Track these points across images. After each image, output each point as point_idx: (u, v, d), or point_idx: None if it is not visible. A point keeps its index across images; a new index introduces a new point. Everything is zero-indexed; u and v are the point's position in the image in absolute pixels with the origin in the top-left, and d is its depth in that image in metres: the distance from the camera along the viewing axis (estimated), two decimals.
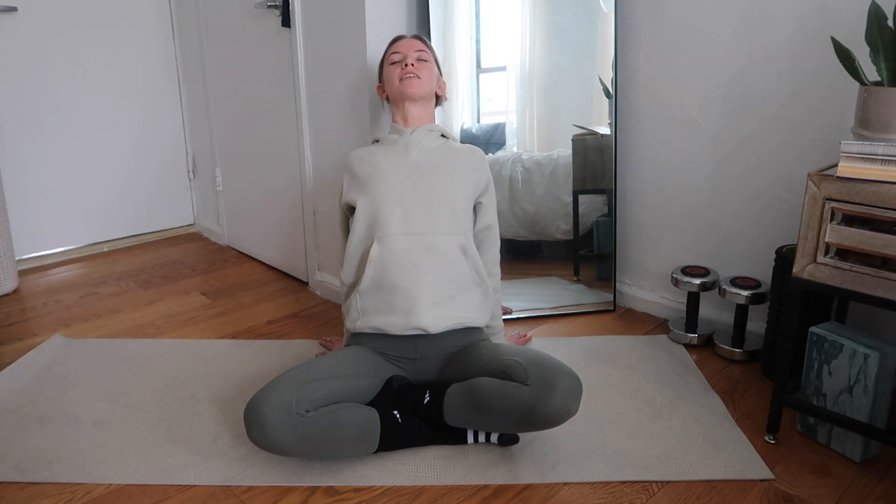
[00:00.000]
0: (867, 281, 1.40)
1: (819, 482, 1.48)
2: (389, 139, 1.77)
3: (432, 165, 1.69)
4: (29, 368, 1.97)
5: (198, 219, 3.31)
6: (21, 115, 2.73)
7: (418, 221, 1.62)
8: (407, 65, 1.73)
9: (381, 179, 1.66)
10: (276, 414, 1.39)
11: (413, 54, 1.76)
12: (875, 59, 1.45)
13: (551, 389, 1.39)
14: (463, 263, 1.64)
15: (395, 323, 1.61)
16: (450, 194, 1.66)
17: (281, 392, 1.42)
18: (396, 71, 1.75)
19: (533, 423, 1.42)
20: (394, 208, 1.63)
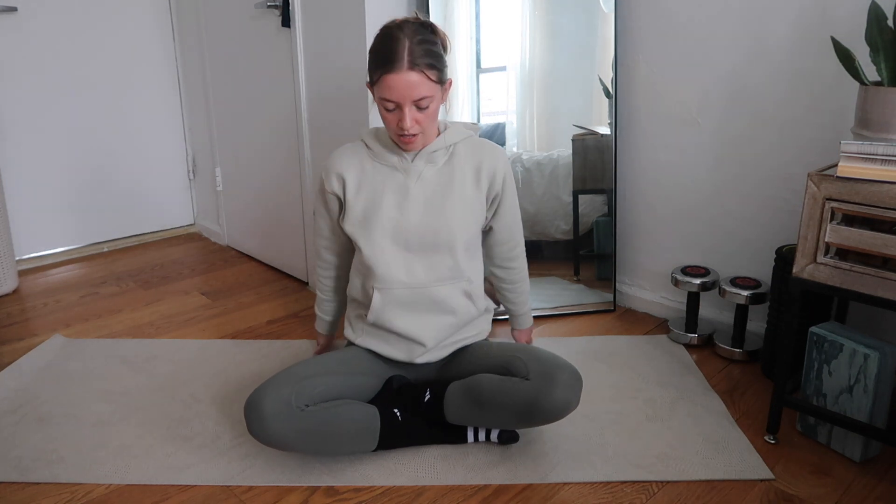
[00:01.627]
0: (867, 281, 1.40)
1: (819, 482, 1.48)
2: (385, 158, 1.55)
3: (433, 198, 1.53)
4: (29, 368, 1.97)
5: (198, 219, 3.31)
6: (21, 115, 2.73)
7: (420, 271, 1.55)
8: (405, 130, 1.44)
9: (380, 221, 1.53)
10: (276, 408, 1.40)
11: (411, 110, 1.42)
12: (875, 59, 1.45)
13: (551, 383, 1.39)
14: (467, 306, 1.63)
15: (393, 354, 1.61)
16: (452, 235, 1.53)
17: (280, 387, 1.43)
18: (392, 120, 1.45)
19: (534, 417, 1.42)
20: (395, 257, 1.54)
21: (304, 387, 1.45)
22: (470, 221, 1.56)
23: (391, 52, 1.39)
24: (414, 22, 1.44)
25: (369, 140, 1.57)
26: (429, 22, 1.47)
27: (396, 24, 1.44)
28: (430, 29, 1.45)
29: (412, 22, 1.44)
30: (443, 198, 1.53)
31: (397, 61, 1.38)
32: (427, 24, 1.46)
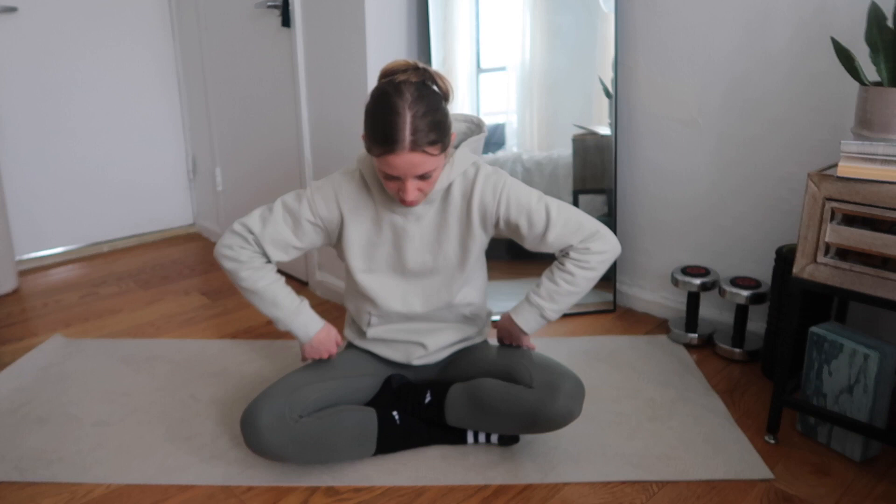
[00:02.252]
0: (867, 281, 1.40)
1: (819, 482, 1.48)
2: (383, 199, 1.45)
3: (429, 236, 1.48)
4: (29, 368, 1.97)
5: (198, 219, 3.31)
6: (21, 115, 2.73)
7: (418, 301, 1.53)
8: (406, 200, 1.35)
9: (377, 257, 1.49)
10: (271, 421, 1.40)
11: (413, 182, 1.33)
12: (875, 60, 1.45)
13: (555, 393, 1.39)
14: (466, 328, 1.63)
15: (392, 355, 1.61)
16: (450, 267, 1.50)
17: (274, 399, 1.43)
18: (392, 187, 1.37)
19: (535, 425, 1.42)
20: (395, 293, 1.51)
21: (298, 397, 1.44)
22: (468, 253, 1.49)
23: (391, 130, 1.26)
24: (415, 83, 1.30)
25: (368, 176, 1.45)
26: (430, 73, 1.33)
27: (395, 86, 1.29)
28: (431, 88, 1.32)
29: (413, 83, 1.29)
30: (439, 234, 1.47)
31: (398, 142, 1.26)
32: (428, 82, 1.33)
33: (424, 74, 1.33)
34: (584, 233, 1.45)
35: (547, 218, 1.44)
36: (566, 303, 1.49)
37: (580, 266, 1.46)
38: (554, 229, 1.44)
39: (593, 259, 1.46)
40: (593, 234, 1.46)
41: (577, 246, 1.45)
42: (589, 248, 1.45)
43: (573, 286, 1.47)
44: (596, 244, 1.45)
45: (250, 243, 1.46)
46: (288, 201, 1.47)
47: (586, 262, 1.46)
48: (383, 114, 1.28)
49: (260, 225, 1.46)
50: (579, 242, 1.45)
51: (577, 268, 1.46)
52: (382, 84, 1.33)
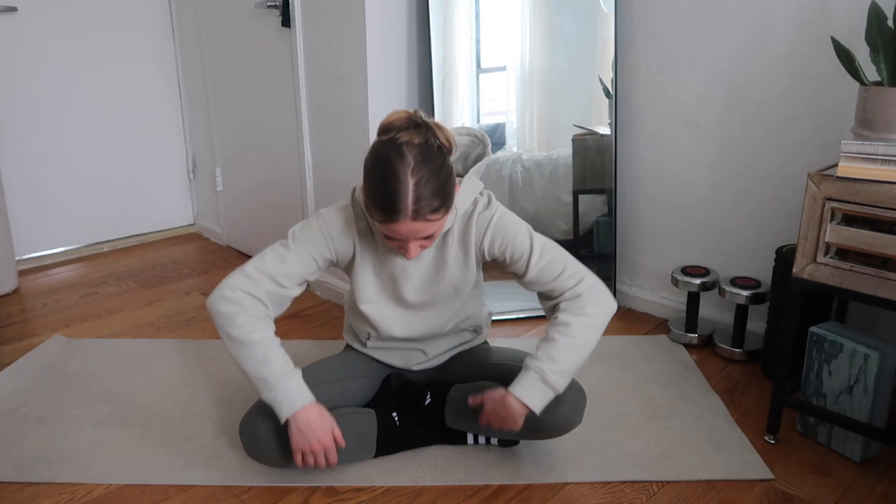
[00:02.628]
0: (867, 281, 1.40)
1: (819, 482, 1.48)
2: (384, 240, 1.37)
3: (428, 274, 1.45)
4: (29, 368, 1.97)
5: (198, 219, 3.30)
6: (21, 115, 2.73)
7: (418, 330, 1.52)
8: (408, 258, 1.32)
9: (382, 292, 1.47)
10: (270, 430, 1.39)
11: (416, 243, 1.29)
12: (875, 59, 1.45)
13: (557, 401, 1.39)
14: (467, 331, 1.63)
15: (391, 360, 1.61)
16: (449, 298, 1.48)
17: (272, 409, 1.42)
18: (394, 245, 1.33)
19: (536, 432, 1.43)
20: (395, 322, 1.49)
21: None
22: (466, 284, 1.46)
23: (393, 199, 1.19)
24: (417, 144, 1.21)
25: (369, 216, 1.35)
26: (431, 128, 1.24)
27: (396, 149, 1.20)
28: (434, 149, 1.23)
29: (415, 145, 1.21)
30: (437, 272, 1.44)
31: (400, 212, 1.20)
32: (430, 141, 1.23)
33: (426, 132, 1.23)
34: (568, 273, 1.36)
35: (530, 252, 1.37)
36: (569, 361, 1.31)
37: (573, 313, 1.33)
38: (536, 266, 1.37)
39: (588, 305, 1.34)
40: (579, 279, 1.36)
41: (566, 295, 1.36)
42: (579, 294, 1.35)
43: (571, 337, 1.31)
44: (583, 288, 1.36)
45: (260, 288, 1.34)
46: (303, 236, 1.38)
47: (580, 309, 1.33)
48: (384, 181, 1.20)
49: (278, 263, 1.36)
50: (569, 291, 1.36)
51: (569, 315, 1.33)
52: (383, 144, 1.23)
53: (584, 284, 1.36)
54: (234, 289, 1.34)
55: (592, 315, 1.34)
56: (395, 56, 2.16)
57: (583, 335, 1.33)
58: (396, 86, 2.19)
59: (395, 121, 1.24)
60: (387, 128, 1.24)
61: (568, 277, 1.37)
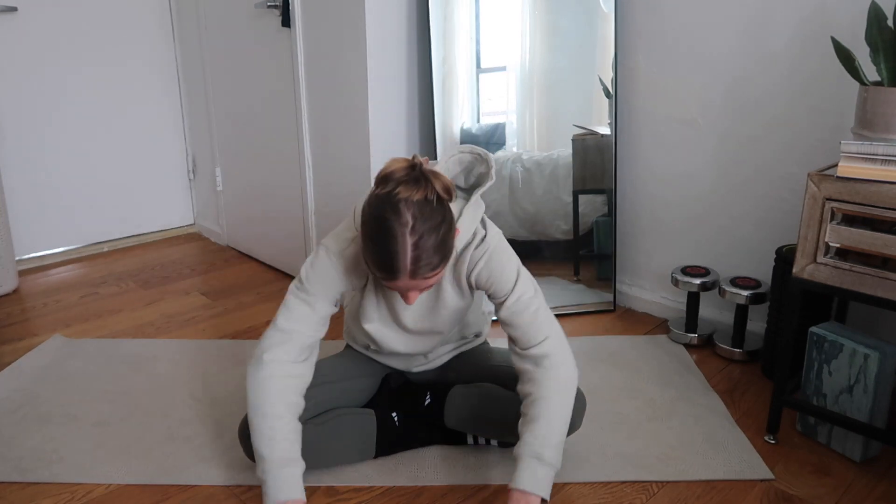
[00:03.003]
0: (867, 281, 1.40)
1: (819, 482, 1.48)
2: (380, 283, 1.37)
3: (425, 304, 1.42)
4: (29, 368, 1.97)
5: (198, 219, 3.30)
6: (21, 115, 2.73)
7: (420, 347, 1.52)
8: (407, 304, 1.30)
9: (383, 317, 1.45)
10: None
11: (415, 293, 1.26)
12: (875, 59, 1.45)
13: None
14: (471, 338, 1.63)
15: (390, 363, 1.60)
16: (448, 326, 1.47)
17: None
18: (393, 290, 1.31)
19: None
20: (396, 341, 1.48)
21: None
22: (464, 310, 1.45)
23: (391, 260, 1.16)
24: (416, 201, 1.15)
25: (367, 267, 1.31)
26: (429, 180, 1.18)
27: (394, 207, 1.15)
28: (432, 202, 1.18)
29: (414, 202, 1.15)
30: (436, 302, 1.41)
31: (399, 272, 1.17)
32: (430, 193, 1.17)
33: (425, 186, 1.17)
34: (536, 326, 1.33)
35: (510, 293, 1.34)
36: (556, 433, 1.29)
37: (544, 386, 1.31)
38: (509, 308, 1.33)
39: (556, 372, 1.32)
40: (544, 337, 1.33)
41: (532, 352, 1.33)
42: (546, 354, 1.33)
43: (550, 410, 1.29)
44: (548, 347, 1.33)
45: (294, 344, 1.34)
46: (319, 278, 1.34)
47: (549, 378, 1.31)
48: (382, 241, 1.16)
49: (308, 311, 1.34)
50: (534, 347, 1.33)
51: (541, 388, 1.30)
52: (381, 201, 1.17)
53: (548, 343, 1.33)
54: (270, 351, 1.33)
55: (562, 379, 1.33)
56: (395, 56, 2.16)
57: (560, 402, 1.31)
58: (396, 86, 2.19)
59: (393, 172, 1.18)
60: (385, 178, 1.18)
61: (536, 331, 1.33)
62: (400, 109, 2.22)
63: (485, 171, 1.36)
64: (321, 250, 1.35)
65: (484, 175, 1.36)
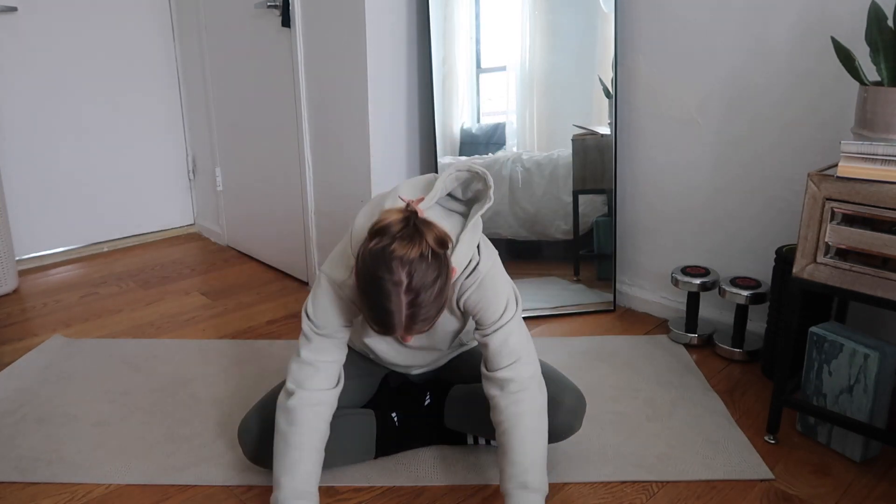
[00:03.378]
0: (867, 281, 1.40)
1: (819, 482, 1.47)
2: None
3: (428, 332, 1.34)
4: (29, 368, 1.97)
5: (198, 219, 3.30)
6: (21, 115, 2.73)
7: (420, 361, 1.53)
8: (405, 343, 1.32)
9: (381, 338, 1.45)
10: (267, 434, 1.39)
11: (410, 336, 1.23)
12: (875, 59, 1.45)
13: (556, 407, 1.39)
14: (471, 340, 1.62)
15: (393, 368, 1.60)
16: (446, 346, 1.49)
17: (269, 409, 1.42)
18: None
19: None
20: (396, 356, 1.50)
21: None
22: (461, 326, 1.44)
23: (385, 318, 1.15)
24: (411, 259, 1.12)
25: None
26: (424, 232, 1.15)
27: (388, 265, 1.11)
28: (427, 257, 1.14)
29: (409, 260, 1.11)
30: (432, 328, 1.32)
31: (394, 329, 1.16)
32: (425, 249, 1.13)
33: (420, 242, 1.13)
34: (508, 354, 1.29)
35: (496, 321, 1.30)
36: (530, 458, 1.26)
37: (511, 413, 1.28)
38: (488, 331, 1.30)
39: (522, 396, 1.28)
40: (513, 361, 1.29)
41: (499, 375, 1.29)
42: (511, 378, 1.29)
43: (516, 435, 1.27)
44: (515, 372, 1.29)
45: (319, 374, 1.33)
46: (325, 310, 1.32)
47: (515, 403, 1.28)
48: (377, 299, 1.14)
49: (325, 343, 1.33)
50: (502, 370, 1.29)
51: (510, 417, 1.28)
52: (375, 259, 1.13)
53: (514, 368, 1.29)
54: (300, 383, 1.33)
55: (526, 406, 1.29)
56: (395, 56, 2.16)
57: (529, 428, 1.28)
58: (396, 86, 2.19)
59: (388, 225, 1.14)
60: (380, 232, 1.14)
61: (507, 354, 1.30)
62: (400, 109, 2.22)
63: (482, 189, 1.30)
64: (323, 282, 1.32)
65: (481, 192, 1.31)
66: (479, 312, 1.32)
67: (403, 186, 1.32)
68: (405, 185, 1.33)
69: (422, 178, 1.33)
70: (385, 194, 1.33)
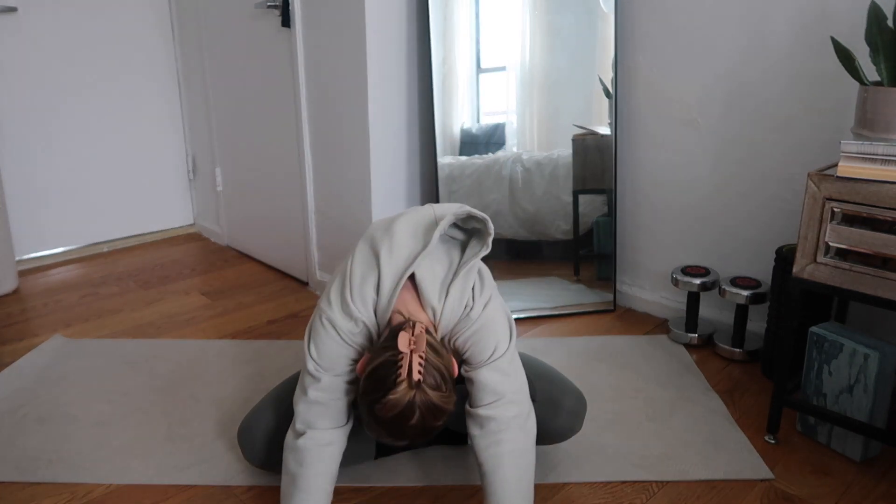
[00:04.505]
0: (867, 281, 1.40)
1: (819, 482, 1.47)
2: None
3: None
4: (29, 368, 1.97)
5: (198, 219, 3.30)
6: (21, 115, 2.73)
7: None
8: None
9: None
10: (267, 436, 1.39)
11: None
12: (875, 59, 1.45)
13: (557, 409, 1.39)
14: None
15: None
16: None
17: (269, 412, 1.42)
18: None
19: (536, 439, 1.42)
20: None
21: (292, 408, 1.42)
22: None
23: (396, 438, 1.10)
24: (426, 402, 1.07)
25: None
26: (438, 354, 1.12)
27: (401, 409, 1.06)
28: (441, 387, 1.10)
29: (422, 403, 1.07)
30: None
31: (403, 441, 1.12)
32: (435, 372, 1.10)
33: (436, 380, 1.09)
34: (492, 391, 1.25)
35: (484, 361, 1.26)
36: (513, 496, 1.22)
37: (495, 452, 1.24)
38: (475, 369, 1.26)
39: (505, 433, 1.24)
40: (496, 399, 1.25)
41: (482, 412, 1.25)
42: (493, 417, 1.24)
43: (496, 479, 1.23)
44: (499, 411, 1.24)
45: (329, 411, 1.29)
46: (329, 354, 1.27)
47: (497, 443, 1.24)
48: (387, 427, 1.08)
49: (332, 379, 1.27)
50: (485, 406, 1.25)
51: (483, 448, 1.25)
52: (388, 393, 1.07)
53: (496, 407, 1.25)
54: (309, 423, 1.29)
55: (505, 448, 1.24)
56: (395, 56, 2.16)
57: (510, 469, 1.24)
58: (396, 85, 2.19)
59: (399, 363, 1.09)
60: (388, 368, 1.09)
61: (490, 391, 1.25)
62: (400, 109, 2.22)
63: (481, 229, 1.27)
64: (327, 327, 1.25)
65: (480, 231, 1.28)
66: (469, 351, 1.27)
67: (399, 229, 1.26)
68: (402, 224, 1.27)
69: (420, 221, 1.27)
70: (379, 240, 1.26)
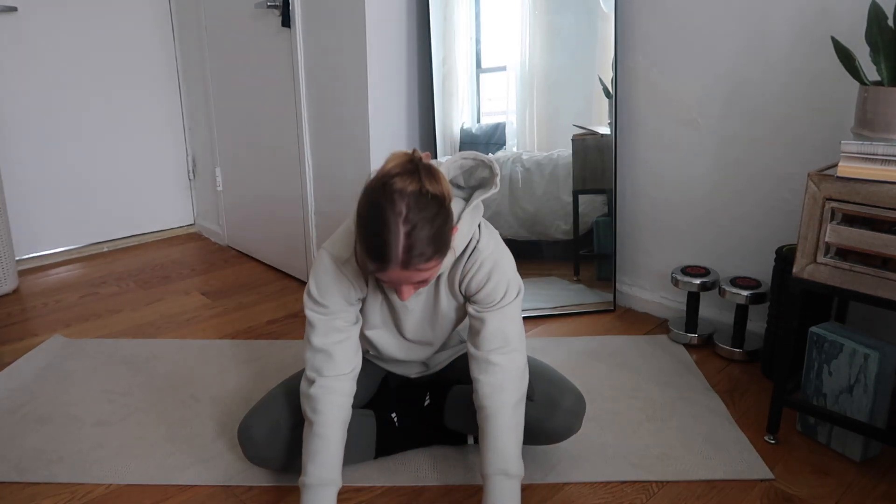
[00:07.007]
0: (867, 281, 1.40)
1: (819, 482, 1.48)
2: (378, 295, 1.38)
3: (424, 311, 1.40)
4: (29, 368, 1.97)
5: (198, 219, 3.30)
6: (21, 115, 2.73)
7: (419, 355, 1.50)
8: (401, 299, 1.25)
9: (384, 323, 1.43)
10: (267, 434, 1.39)
11: (409, 288, 1.22)
12: (875, 59, 1.45)
13: (556, 408, 1.39)
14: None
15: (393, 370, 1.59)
16: (446, 335, 1.47)
17: (269, 410, 1.42)
18: (386, 284, 1.24)
19: (535, 438, 1.43)
20: (397, 349, 1.47)
21: (293, 406, 1.42)
22: (460, 318, 1.44)
23: (382, 248, 1.12)
24: (411, 192, 1.12)
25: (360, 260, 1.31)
26: (424, 175, 1.15)
27: (388, 196, 1.12)
28: (428, 197, 1.13)
29: (409, 193, 1.12)
30: (435, 308, 1.39)
31: (391, 261, 1.13)
32: (425, 187, 1.13)
33: (420, 179, 1.13)
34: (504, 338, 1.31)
35: (496, 303, 1.31)
36: (511, 444, 1.29)
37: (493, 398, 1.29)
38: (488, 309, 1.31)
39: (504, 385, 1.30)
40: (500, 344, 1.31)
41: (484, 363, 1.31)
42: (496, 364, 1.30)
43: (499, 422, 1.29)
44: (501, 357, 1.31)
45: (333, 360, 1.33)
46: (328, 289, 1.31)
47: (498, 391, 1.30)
48: (374, 230, 1.13)
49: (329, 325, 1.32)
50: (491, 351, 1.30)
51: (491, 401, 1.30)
52: (375, 191, 1.14)
53: (505, 354, 1.31)
54: (317, 371, 1.32)
55: (508, 395, 1.30)
56: (395, 56, 2.16)
57: (511, 415, 1.30)
58: (396, 86, 2.19)
59: (391, 168, 1.16)
60: (383, 171, 1.16)
61: (502, 337, 1.31)
62: (400, 109, 2.22)
63: (488, 177, 1.30)
64: (325, 258, 1.31)
65: (487, 180, 1.30)
66: (479, 292, 1.31)
67: None
68: None
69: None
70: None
